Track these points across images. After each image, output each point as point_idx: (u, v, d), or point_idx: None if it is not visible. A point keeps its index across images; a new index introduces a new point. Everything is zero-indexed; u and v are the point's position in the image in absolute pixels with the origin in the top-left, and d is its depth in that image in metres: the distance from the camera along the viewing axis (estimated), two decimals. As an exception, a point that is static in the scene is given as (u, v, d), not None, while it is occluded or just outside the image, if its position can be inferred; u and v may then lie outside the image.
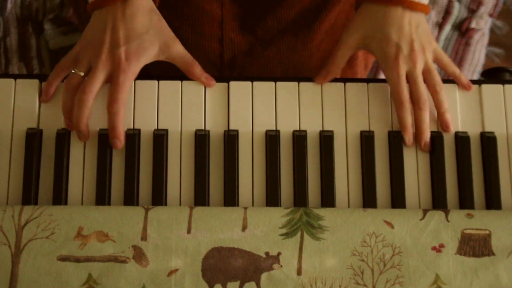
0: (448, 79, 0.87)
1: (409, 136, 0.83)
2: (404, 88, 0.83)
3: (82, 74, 0.81)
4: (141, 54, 0.82)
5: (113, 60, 0.80)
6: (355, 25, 0.86)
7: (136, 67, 0.81)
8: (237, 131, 0.83)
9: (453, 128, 0.84)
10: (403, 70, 0.83)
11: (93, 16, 0.84)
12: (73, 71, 0.82)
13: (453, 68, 0.87)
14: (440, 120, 0.84)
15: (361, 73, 1.06)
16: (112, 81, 0.81)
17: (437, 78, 0.84)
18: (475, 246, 0.76)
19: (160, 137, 0.82)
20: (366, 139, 0.83)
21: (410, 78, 0.84)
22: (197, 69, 0.84)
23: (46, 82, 0.84)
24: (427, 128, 0.83)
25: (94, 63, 0.81)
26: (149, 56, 0.82)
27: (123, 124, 0.81)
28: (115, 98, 0.80)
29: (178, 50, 0.84)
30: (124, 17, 0.81)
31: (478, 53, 1.66)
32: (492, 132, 0.84)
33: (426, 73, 0.84)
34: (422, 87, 0.83)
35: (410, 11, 0.84)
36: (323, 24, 0.97)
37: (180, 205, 0.81)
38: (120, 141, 0.81)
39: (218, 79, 0.85)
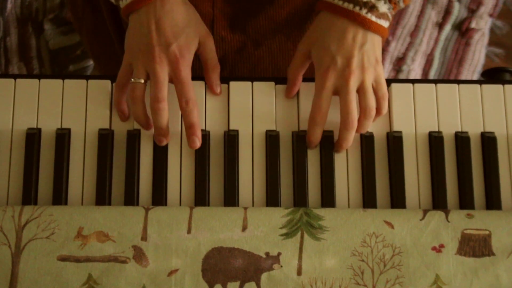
0: (449, 79, 0.87)
1: (310, 148, 0.82)
2: (322, 101, 0.80)
3: (142, 81, 0.80)
4: (190, 47, 0.81)
5: (169, 60, 0.79)
6: (306, 35, 0.85)
7: (190, 61, 0.81)
8: (237, 131, 0.83)
9: (349, 143, 0.82)
10: (330, 83, 0.79)
11: (131, 20, 0.83)
12: (132, 80, 0.81)
13: (384, 103, 0.82)
14: (344, 138, 0.81)
15: None
16: (175, 81, 0.80)
17: (370, 103, 0.80)
18: (475, 246, 0.76)
19: (160, 137, 0.82)
20: (366, 139, 0.83)
21: (340, 94, 0.80)
22: (216, 74, 0.84)
23: (115, 103, 0.83)
24: (347, 147, 0.81)
25: (151, 68, 0.79)
26: (194, 48, 0.82)
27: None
28: (186, 98, 0.80)
29: (211, 48, 0.84)
30: (164, 14, 0.80)
31: (478, 53, 1.66)
32: (492, 132, 0.84)
33: (360, 93, 0.80)
34: (351, 106, 0.79)
35: (356, 27, 0.80)
36: None
37: (180, 205, 0.81)
38: (199, 140, 0.81)
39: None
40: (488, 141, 0.83)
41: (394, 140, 0.83)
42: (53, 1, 1.57)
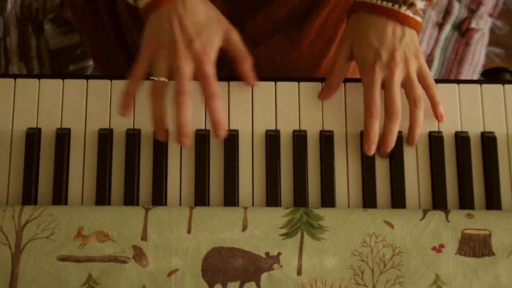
0: (449, 79, 0.87)
1: (369, 145, 0.81)
2: (375, 95, 0.80)
3: (165, 79, 0.79)
4: (213, 44, 0.81)
5: (193, 55, 0.79)
6: (345, 35, 0.86)
7: (213, 57, 0.80)
8: (237, 131, 0.83)
9: (416, 144, 0.83)
10: (378, 76, 0.81)
11: (151, 18, 0.82)
12: (155, 78, 0.79)
13: (434, 91, 0.83)
14: (409, 134, 0.83)
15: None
16: (199, 76, 0.79)
17: (418, 92, 0.82)
18: (475, 246, 0.76)
19: (160, 137, 0.82)
20: (366, 139, 0.83)
21: (385, 87, 0.81)
22: (247, 66, 0.83)
23: (124, 93, 0.81)
24: (392, 140, 0.81)
25: (175, 63, 0.78)
26: (217, 44, 0.81)
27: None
28: (211, 94, 0.79)
29: (236, 40, 0.83)
30: (186, 11, 0.80)
31: (478, 53, 1.67)
32: (492, 132, 0.84)
33: (407, 85, 0.82)
34: (396, 98, 0.81)
35: (395, 22, 0.82)
36: (314, 24, 0.97)
37: (180, 205, 0.81)
38: (225, 136, 0.80)
39: (218, 79, 0.85)
40: (488, 141, 0.83)
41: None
42: (53, 1, 1.57)
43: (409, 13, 0.82)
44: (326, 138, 0.83)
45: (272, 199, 0.81)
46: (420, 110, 0.82)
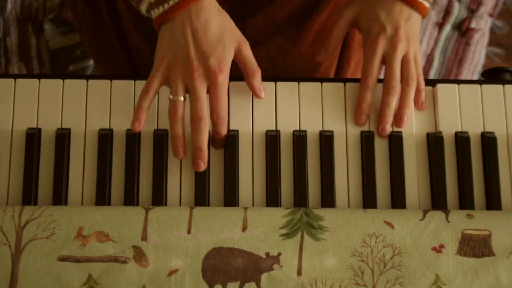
0: (449, 79, 0.87)
1: (360, 115, 0.83)
2: (374, 65, 0.83)
3: (182, 99, 0.79)
4: (227, 58, 0.79)
5: (208, 74, 0.78)
6: (352, 2, 0.88)
7: (228, 71, 0.80)
8: (237, 131, 0.83)
9: (404, 126, 0.84)
10: (380, 48, 0.83)
11: (164, 30, 0.80)
12: (171, 97, 0.79)
13: (420, 78, 0.85)
14: (397, 113, 0.83)
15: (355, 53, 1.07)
16: (210, 94, 0.79)
17: (413, 72, 0.84)
18: (475, 246, 0.76)
19: (160, 137, 0.82)
20: (366, 139, 0.83)
21: (386, 60, 0.84)
22: (257, 79, 0.82)
23: (138, 108, 0.80)
24: (390, 115, 0.83)
25: (190, 85, 0.78)
26: (231, 57, 0.80)
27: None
28: (217, 116, 0.79)
29: (247, 53, 0.82)
30: (200, 25, 0.78)
31: (478, 53, 1.67)
32: (492, 132, 0.84)
33: (403, 62, 0.84)
34: (397, 73, 0.83)
35: (403, 4, 0.84)
36: (314, 25, 0.97)
37: (180, 205, 0.81)
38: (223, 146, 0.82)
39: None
40: (488, 141, 0.83)
41: (394, 140, 0.83)
42: (53, 1, 1.57)
43: None
44: (326, 138, 0.83)
45: (272, 199, 0.81)
46: (411, 89, 0.84)
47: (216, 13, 0.80)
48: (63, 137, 0.82)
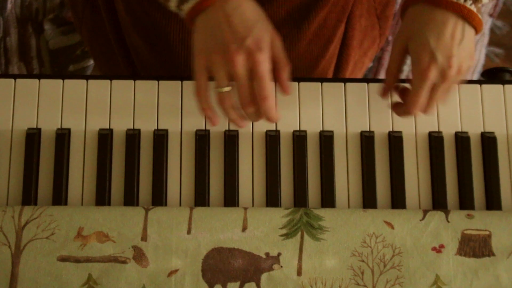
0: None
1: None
2: (421, 99, 0.78)
3: (228, 89, 0.77)
4: (265, 39, 0.77)
5: (247, 54, 0.76)
6: (401, 29, 0.82)
7: (268, 53, 0.77)
8: (237, 131, 0.83)
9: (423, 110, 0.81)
10: (430, 81, 0.78)
11: (198, 24, 0.79)
12: (218, 90, 0.78)
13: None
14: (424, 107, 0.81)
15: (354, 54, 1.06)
16: (252, 75, 0.77)
17: (447, 97, 0.81)
18: (475, 246, 0.76)
19: (160, 137, 0.82)
20: (366, 139, 0.83)
21: (433, 87, 0.79)
22: (286, 73, 0.81)
23: (203, 111, 0.80)
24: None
25: (233, 71, 0.76)
26: (269, 39, 0.78)
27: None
28: (264, 96, 0.76)
29: (279, 47, 0.80)
30: (233, 10, 0.77)
31: (478, 53, 1.66)
32: (492, 132, 0.84)
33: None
34: (436, 101, 0.79)
35: (457, 18, 0.78)
36: (312, 24, 0.97)
37: (180, 205, 0.81)
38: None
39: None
40: (488, 141, 0.83)
41: (394, 140, 0.83)
42: (53, 1, 1.57)
43: (474, 8, 0.78)
44: (326, 138, 0.83)
45: (272, 199, 0.81)
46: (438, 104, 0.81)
47: (250, 2, 0.79)
48: (63, 137, 0.82)
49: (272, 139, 0.83)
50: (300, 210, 0.77)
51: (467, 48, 0.79)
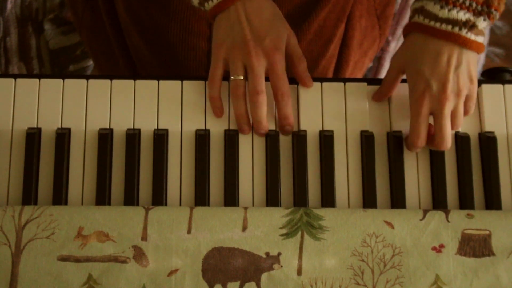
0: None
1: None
2: (420, 126, 0.79)
3: (242, 77, 0.81)
4: (282, 39, 0.82)
5: (265, 52, 0.80)
6: (400, 51, 0.83)
7: (283, 53, 0.82)
8: (237, 130, 0.83)
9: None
10: (426, 108, 0.78)
11: (219, 19, 0.83)
12: (232, 77, 0.82)
13: (469, 111, 0.83)
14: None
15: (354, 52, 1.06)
16: (270, 73, 0.81)
17: (460, 124, 0.81)
18: (475, 246, 0.76)
19: (160, 137, 0.82)
20: (366, 139, 0.83)
21: (434, 117, 0.80)
22: (304, 66, 0.84)
23: (212, 99, 0.83)
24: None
25: (249, 62, 0.80)
26: (285, 39, 0.83)
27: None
28: (282, 92, 0.81)
29: (295, 43, 0.85)
30: (253, 10, 0.81)
31: (478, 53, 1.66)
32: (492, 132, 0.84)
33: (453, 117, 0.80)
34: (446, 131, 0.79)
35: (453, 47, 0.78)
36: (313, 24, 0.97)
37: (180, 205, 0.81)
38: (291, 130, 0.83)
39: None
40: (488, 141, 0.83)
41: (394, 140, 0.83)
42: (53, 1, 1.57)
43: (470, 35, 0.78)
44: (326, 138, 0.83)
45: (272, 199, 0.81)
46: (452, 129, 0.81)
47: (268, 1, 0.83)
48: (63, 137, 0.82)
49: (272, 138, 0.83)
50: (300, 210, 0.77)
51: (466, 71, 0.79)
